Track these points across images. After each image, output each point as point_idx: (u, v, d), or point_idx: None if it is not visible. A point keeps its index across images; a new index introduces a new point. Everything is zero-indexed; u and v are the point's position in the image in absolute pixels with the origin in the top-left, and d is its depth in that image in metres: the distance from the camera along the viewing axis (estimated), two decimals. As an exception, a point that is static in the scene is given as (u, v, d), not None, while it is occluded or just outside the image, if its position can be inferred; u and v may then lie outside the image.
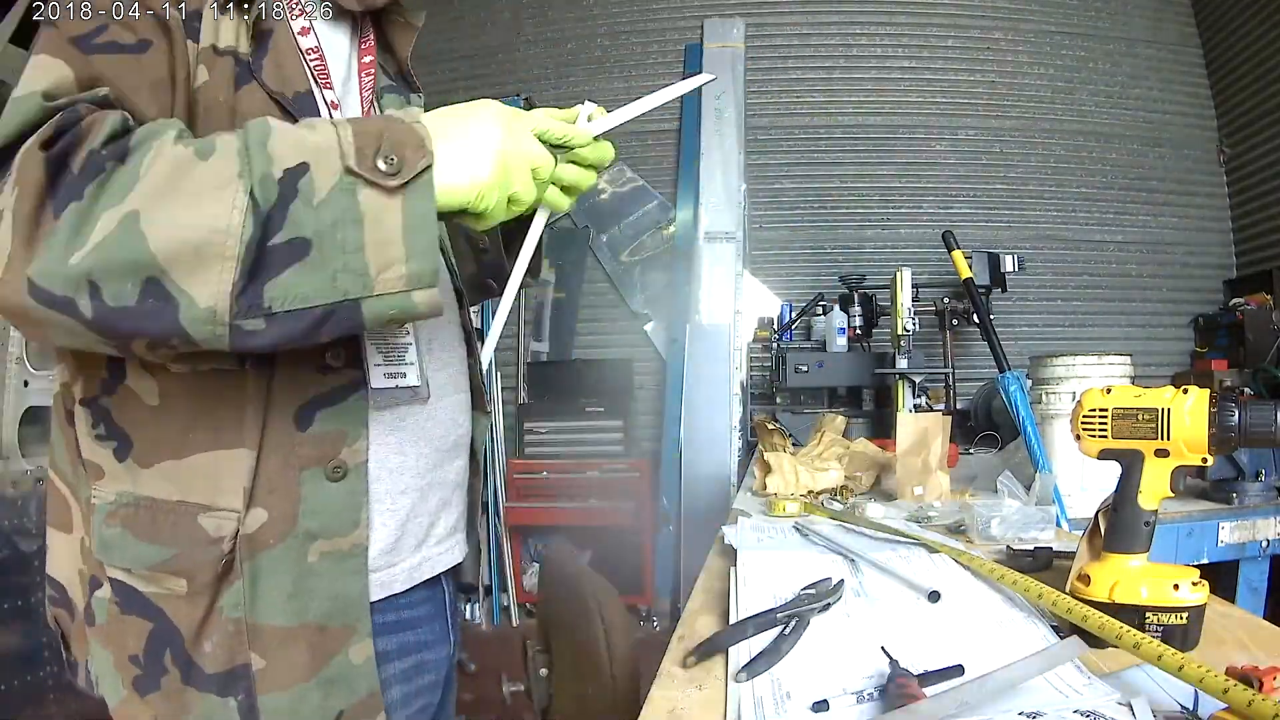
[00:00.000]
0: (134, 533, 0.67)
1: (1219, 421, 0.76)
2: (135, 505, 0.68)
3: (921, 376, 3.12)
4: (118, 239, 0.52)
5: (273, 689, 0.68)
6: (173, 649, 0.67)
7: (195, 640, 0.67)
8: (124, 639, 0.69)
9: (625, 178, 4.41)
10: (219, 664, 0.67)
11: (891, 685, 0.63)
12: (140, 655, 0.68)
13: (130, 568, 0.68)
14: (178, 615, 0.67)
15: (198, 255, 0.53)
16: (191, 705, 0.67)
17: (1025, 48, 4.33)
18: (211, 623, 0.67)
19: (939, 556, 1.05)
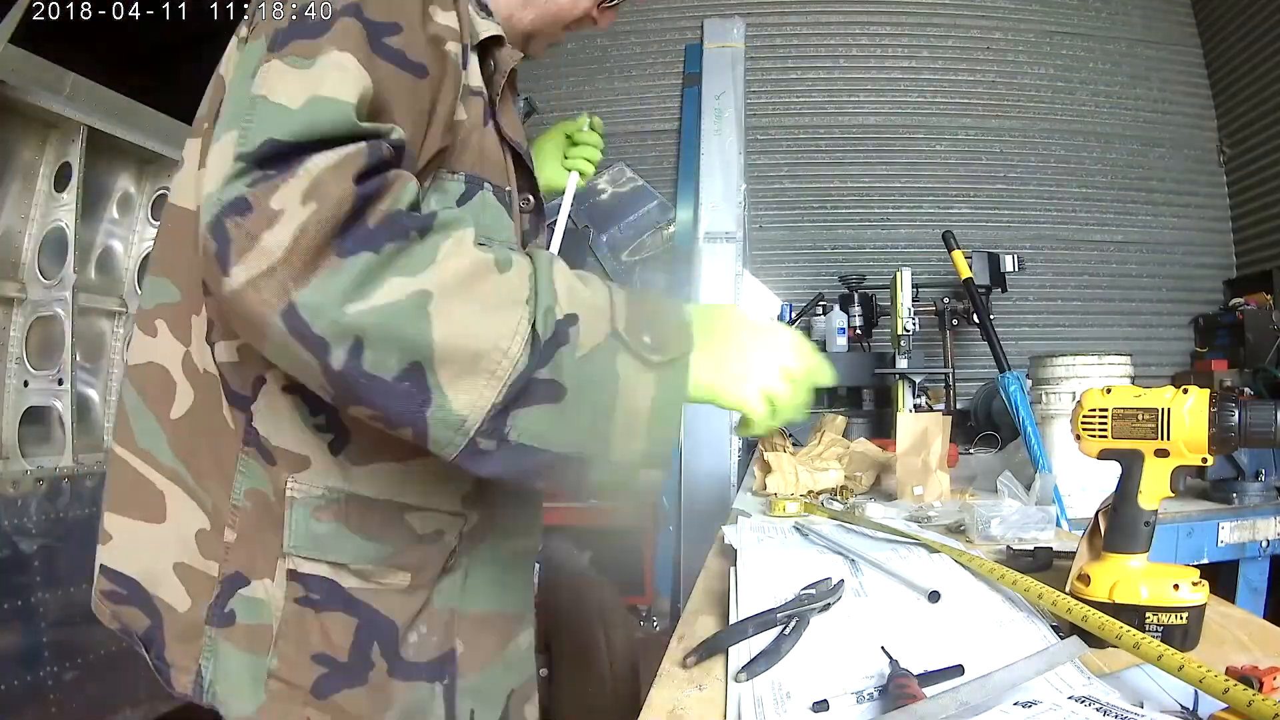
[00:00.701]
0: (350, 528, 0.67)
1: (1219, 421, 0.76)
2: (346, 501, 0.67)
3: (921, 376, 3.13)
4: (404, 311, 0.51)
5: (469, 671, 0.73)
6: (381, 643, 0.68)
7: (405, 634, 0.69)
8: (309, 638, 0.67)
9: (625, 178, 4.41)
10: (429, 652, 0.71)
11: (891, 685, 0.63)
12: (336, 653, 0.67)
13: (347, 563, 0.67)
14: (391, 609, 0.69)
15: (473, 363, 0.53)
16: (397, 696, 0.69)
17: (1025, 48, 4.33)
18: (425, 613, 0.71)
19: (939, 556, 1.05)
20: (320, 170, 0.52)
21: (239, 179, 0.51)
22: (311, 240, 0.50)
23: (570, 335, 0.56)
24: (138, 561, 0.73)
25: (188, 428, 0.71)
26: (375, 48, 0.59)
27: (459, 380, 0.53)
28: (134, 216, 1.93)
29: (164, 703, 1.73)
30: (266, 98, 0.55)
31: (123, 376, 0.76)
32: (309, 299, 0.50)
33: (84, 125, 1.65)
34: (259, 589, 0.68)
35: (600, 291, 0.60)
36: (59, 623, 1.46)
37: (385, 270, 0.52)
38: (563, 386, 0.56)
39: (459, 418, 0.54)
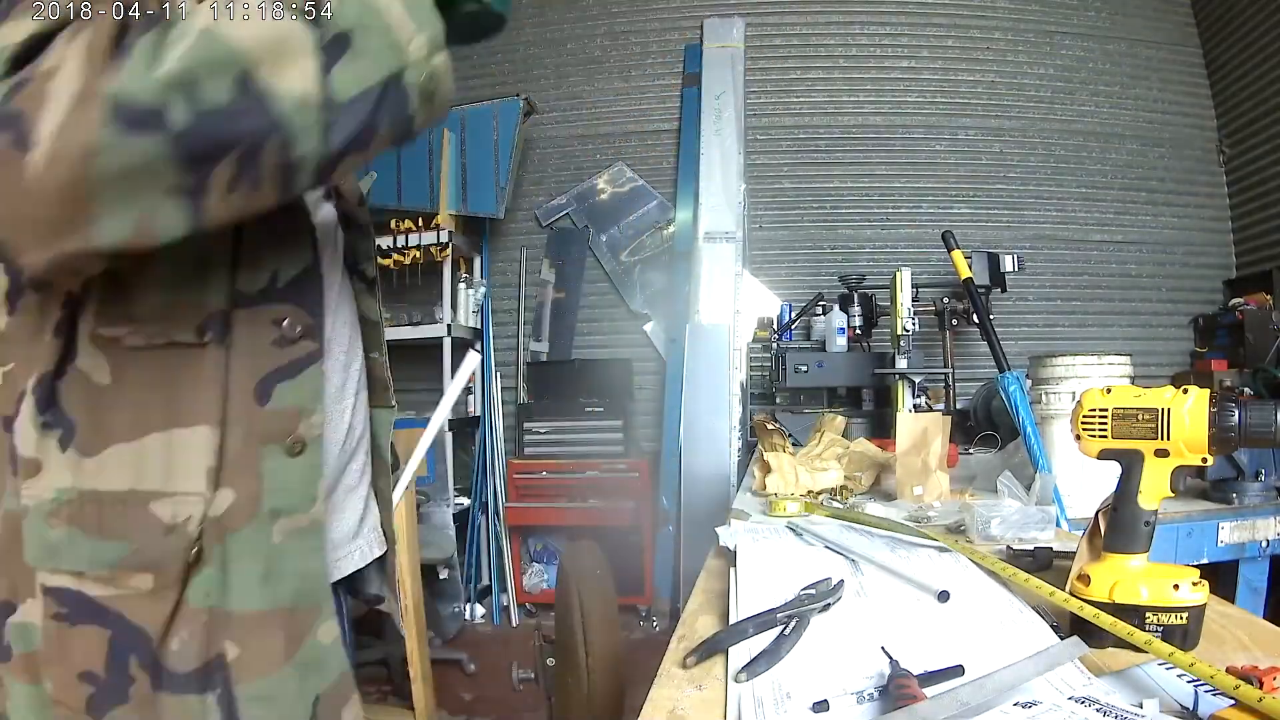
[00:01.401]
0: (84, 530, 0.62)
1: (1219, 421, 0.76)
2: (79, 500, 0.63)
3: (921, 376, 3.13)
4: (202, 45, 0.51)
5: (250, 677, 0.65)
6: (138, 653, 0.63)
7: (163, 640, 0.63)
8: (71, 656, 0.63)
9: (625, 178, 4.41)
10: (191, 660, 0.64)
11: (891, 685, 0.63)
12: (98, 670, 0.63)
13: (84, 570, 0.63)
14: (141, 615, 0.63)
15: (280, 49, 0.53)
16: (165, 710, 0.63)
17: (1025, 48, 4.33)
18: (181, 617, 0.64)
19: (947, 555, 1.05)
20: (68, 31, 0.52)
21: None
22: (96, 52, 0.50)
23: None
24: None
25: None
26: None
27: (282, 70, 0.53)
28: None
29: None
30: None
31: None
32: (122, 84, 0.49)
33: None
34: (24, 612, 0.64)
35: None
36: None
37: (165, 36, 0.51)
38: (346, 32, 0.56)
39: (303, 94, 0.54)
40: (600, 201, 4.43)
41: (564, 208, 4.44)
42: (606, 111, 4.46)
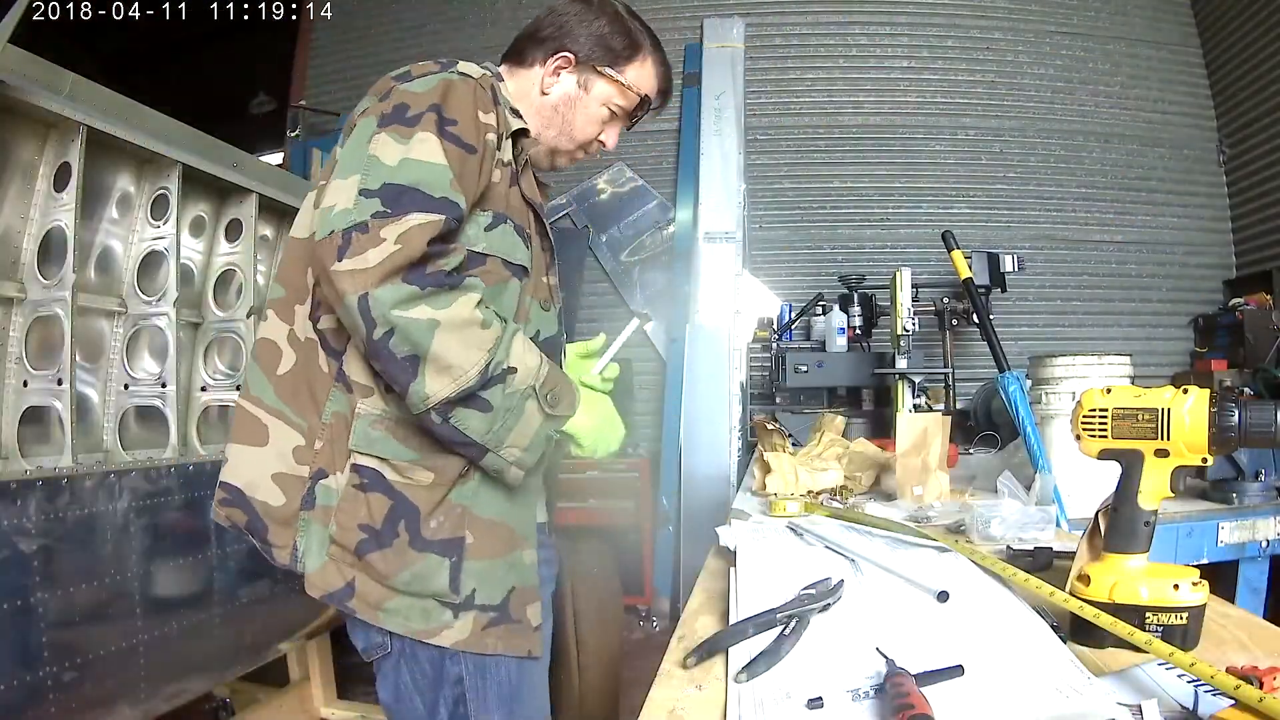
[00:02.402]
0: (395, 437, 0.94)
1: (1219, 422, 0.76)
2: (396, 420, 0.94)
3: (921, 376, 3.12)
4: (419, 327, 0.84)
5: (475, 557, 0.96)
6: (407, 520, 0.93)
7: (427, 518, 0.94)
8: (356, 511, 0.93)
9: (625, 178, 4.42)
10: (444, 533, 0.94)
11: (888, 684, 0.63)
12: (374, 523, 0.93)
13: (389, 458, 0.94)
14: (418, 498, 0.94)
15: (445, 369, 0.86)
16: (412, 562, 0.93)
17: (1025, 47, 4.33)
18: (443, 506, 0.95)
19: (947, 555, 1.05)
20: (413, 225, 0.84)
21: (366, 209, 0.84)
22: (391, 265, 0.83)
23: (508, 379, 0.90)
24: (244, 474, 1.00)
25: (289, 379, 1.00)
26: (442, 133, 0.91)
27: (435, 376, 0.86)
28: (133, 216, 1.93)
29: (164, 702, 1.73)
30: (378, 158, 0.88)
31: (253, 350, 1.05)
32: (377, 294, 0.83)
33: (83, 125, 1.65)
34: (332, 480, 0.95)
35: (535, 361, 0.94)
36: (58, 623, 1.45)
37: (421, 300, 0.85)
38: (492, 405, 0.90)
39: (425, 394, 0.86)
40: (600, 201, 4.43)
41: (564, 208, 4.43)
42: (606, 111, 4.45)
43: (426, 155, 0.89)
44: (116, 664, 1.57)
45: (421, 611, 0.94)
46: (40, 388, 1.62)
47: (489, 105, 0.98)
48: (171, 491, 1.74)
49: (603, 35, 1.11)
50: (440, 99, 0.93)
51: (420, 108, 0.91)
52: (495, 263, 0.99)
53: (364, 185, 0.86)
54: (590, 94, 1.12)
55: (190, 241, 2.11)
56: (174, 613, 1.72)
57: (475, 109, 0.95)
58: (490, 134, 0.97)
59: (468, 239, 0.96)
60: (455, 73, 0.98)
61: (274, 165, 3.23)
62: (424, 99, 0.92)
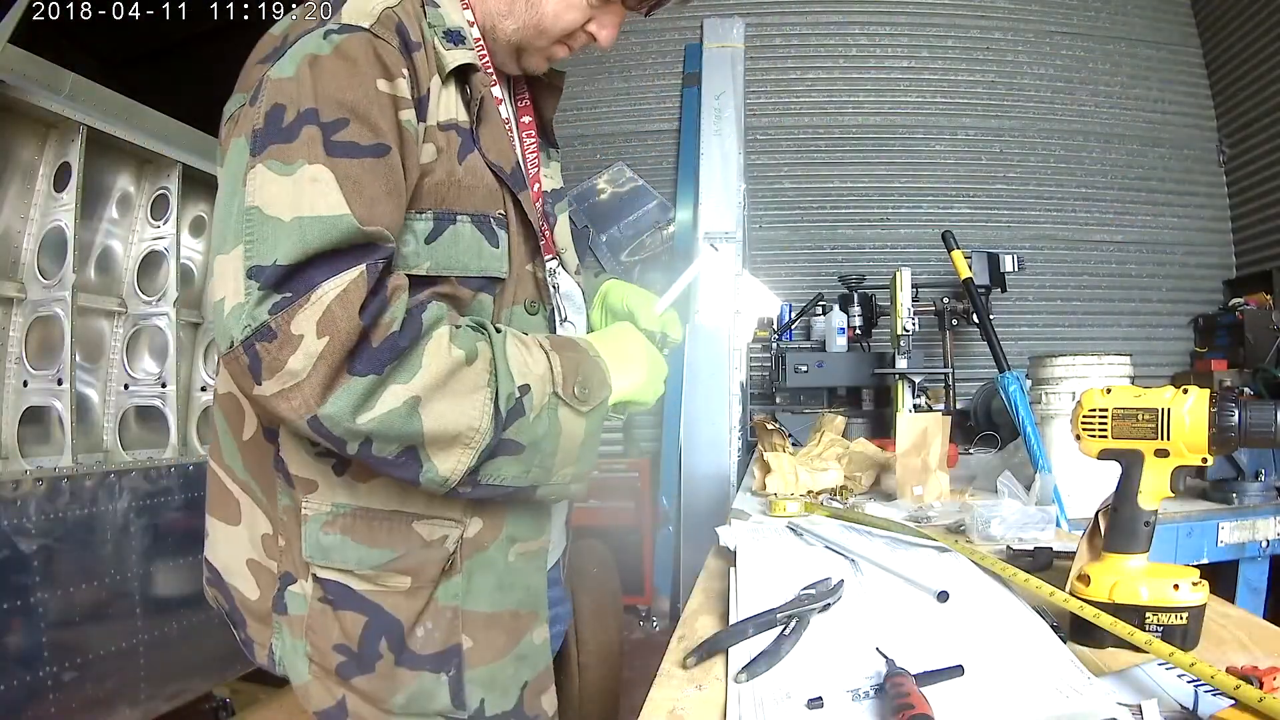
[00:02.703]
0: (354, 538, 0.77)
1: (1219, 422, 0.75)
2: (352, 515, 0.78)
3: (921, 376, 3.12)
4: (398, 417, 0.66)
5: (478, 664, 0.80)
6: (389, 637, 0.77)
7: (411, 629, 0.78)
8: (329, 631, 0.78)
9: (625, 178, 4.41)
10: (434, 645, 0.78)
11: (888, 684, 0.63)
12: (351, 644, 0.77)
13: (352, 569, 0.77)
14: (397, 608, 0.77)
15: (453, 441, 0.69)
16: (404, 683, 0.78)
17: (1025, 48, 4.33)
18: (429, 611, 0.78)
19: (947, 555, 1.05)
20: (330, 301, 0.64)
21: (260, 305, 0.63)
22: (327, 366, 0.63)
23: (524, 405, 0.72)
24: (221, 555, 0.87)
25: (254, 449, 0.82)
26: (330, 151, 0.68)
27: (443, 454, 0.69)
28: (133, 216, 1.93)
29: (164, 702, 1.73)
30: (261, 210, 0.66)
31: (213, 401, 0.87)
32: (327, 411, 0.64)
33: (83, 125, 1.65)
34: (299, 588, 0.79)
35: (541, 360, 0.75)
36: (58, 623, 1.45)
37: (386, 383, 0.65)
38: (520, 444, 0.73)
39: (443, 478, 0.70)
40: (600, 201, 4.43)
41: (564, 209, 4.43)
42: (606, 111, 4.46)
43: (324, 205, 0.66)
44: (116, 664, 1.58)
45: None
46: (40, 388, 1.63)
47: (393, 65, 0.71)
48: (171, 491, 1.74)
49: None
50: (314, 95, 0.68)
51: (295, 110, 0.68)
52: (449, 284, 0.77)
53: (250, 260, 0.64)
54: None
55: (190, 241, 2.11)
56: (174, 613, 1.72)
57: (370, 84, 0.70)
58: (405, 110, 0.72)
59: (403, 261, 0.74)
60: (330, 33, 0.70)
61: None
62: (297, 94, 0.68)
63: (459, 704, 0.79)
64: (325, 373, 0.63)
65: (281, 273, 0.64)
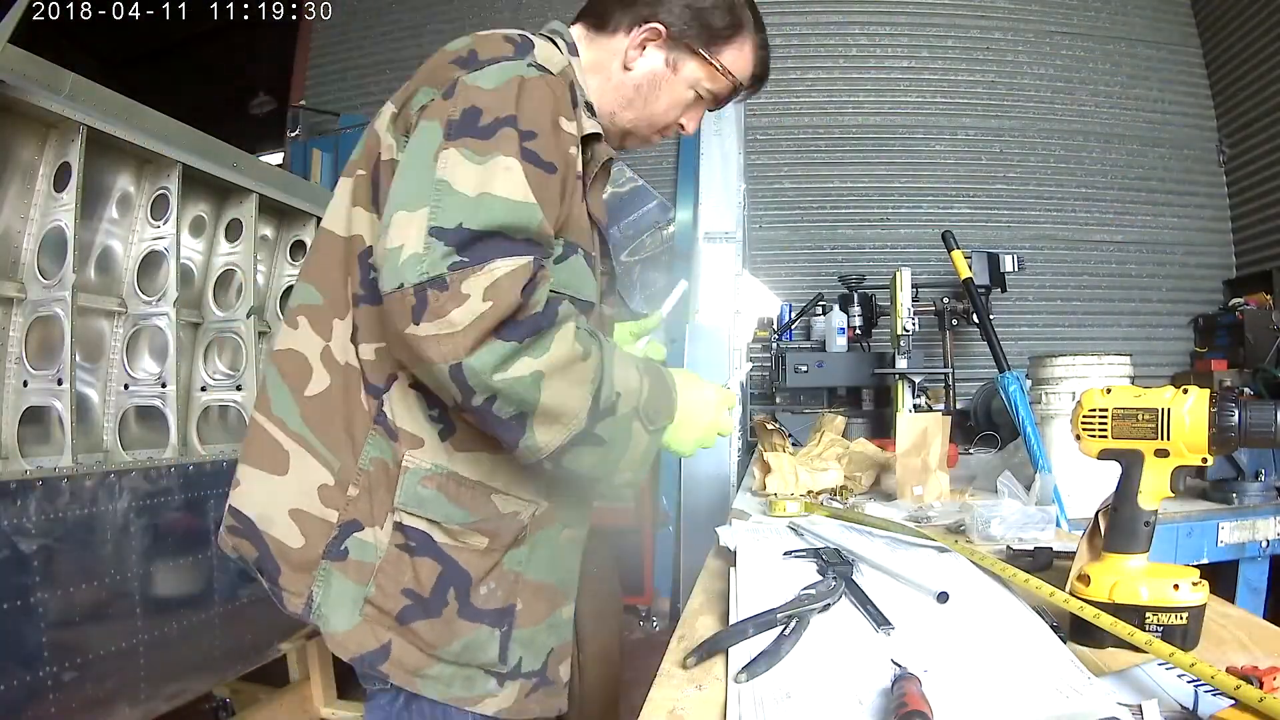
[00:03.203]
0: (446, 496, 0.85)
1: (1219, 421, 0.76)
2: (446, 476, 0.86)
3: (921, 376, 3.13)
4: (524, 384, 0.75)
5: (523, 625, 0.90)
6: (457, 588, 0.86)
7: (478, 585, 0.86)
8: (401, 575, 0.85)
9: (625, 178, 4.41)
10: (495, 602, 0.88)
11: (894, 686, 0.63)
12: (422, 590, 0.84)
13: (440, 521, 0.85)
14: (469, 564, 0.86)
15: (555, 419, 0.78)
16: (461, 631, 0.86)
17: (1025, 48, 4.33)
18: (495, 572, 0.88)
19: (947, 555, 1.05)
20: (501, 275, 0.73)
21: (442, 260, 0.73)
22: (484, 326, 0.73)
23: (615, 408, 0.83)
24: (256, 504, 0.90)
25: (320, 404, 0.89)
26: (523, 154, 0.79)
27: (545, 427, 0.78)
28: (133, 216, 1.93)
29: (164, 702, 1.73)
30: (450, 184, 0.76)
31: (266, 357, 0.95)
32: (471, 363, 0.73)
33: (83, 125, 1.65)
34: (369, 534, 0.85)
35: (635, 377, 0.86)
36: (58, 623, 1.45)
37: (521, 353, 0.75)
38: (602, 438, 0.83)
39: (539, 447, 0.79)
40: (600, 201, 4.42)
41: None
42: (606, 111, 4.46)
43: (510, 190, 0.77)
44: (116, 664, 1.58)
45: (465, 680, 0.87)
46: (40, 388, 1.62)
47: (570, 110, 0.86)
48: (171, 491, 1.74)
49: (701, 9, 0.96)
50: (516, 106, 0.80)
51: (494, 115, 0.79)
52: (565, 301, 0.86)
53: (435, 222, 0.74)
54: (679, 75, 0.98)
55: (190, 241, 2.11)
56: (174, 613, 1.72)
57: (556, 116, 0.84)
58: (572, 147, 0.86)
59: None
60: (532, 65, 0.84)
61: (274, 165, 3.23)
62: (497, 103, 0.80)
63: (503, 659, 0.88)
64: (480, 331, 0.72)
65: (466, 237, 0.74)
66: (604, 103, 0.99)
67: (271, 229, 2.37)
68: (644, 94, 0.99)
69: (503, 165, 0.77)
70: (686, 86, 0.99)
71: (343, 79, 5.03)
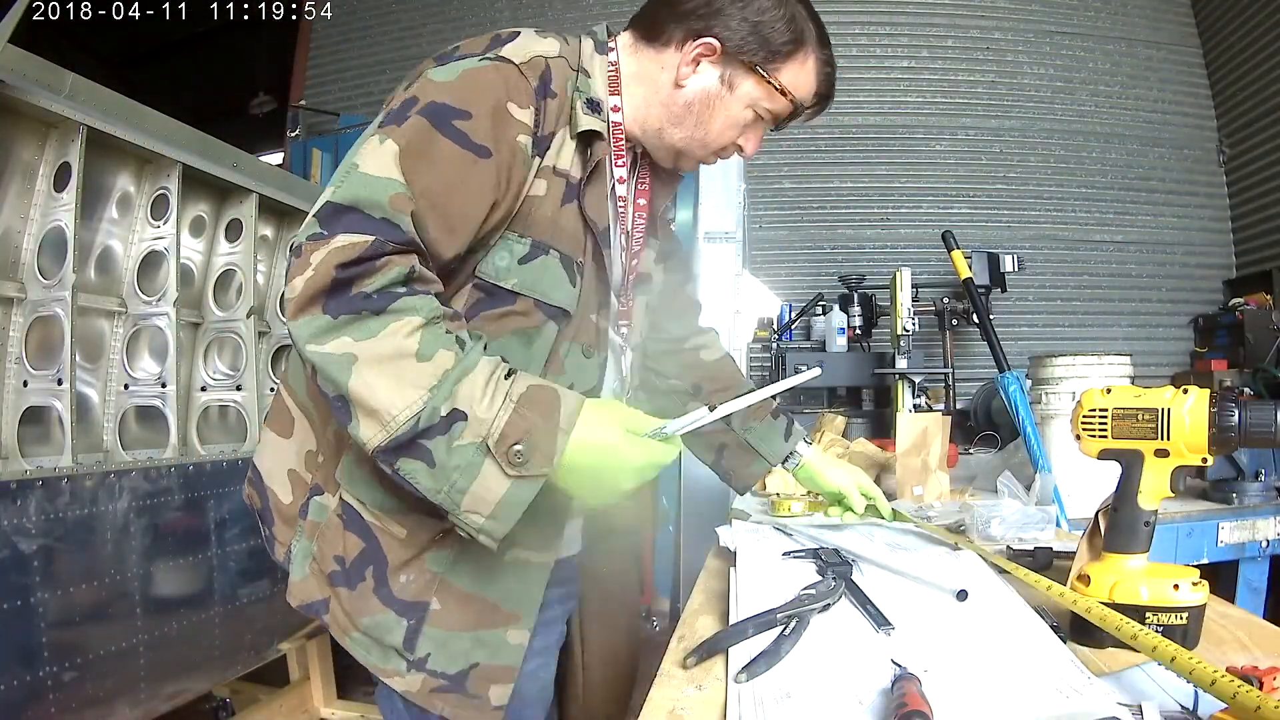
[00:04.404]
0: (376, 479, 0.87)
1: (1219, 421, 0.76)
2: (379, 463, 0.81)
3: (921, 376, 3.12)
4: (335, 363, 0.73)
5: (438, 625, 0.88)
6: (375, 568, 0.88)
7: (395, 571, 0.87)
8: (334, 542, 0.89)
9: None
10: (407, 595, 0.87)
11: (895, 687, 0.63)
12: (346, 560, 0.88)
13: (365, 502, 0.88)
14: (389, 549, 0.88)
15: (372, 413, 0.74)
16: (372, 609, 0.87)
17: (1025, 48, 4.33)
18: (414, 565, 0.88)
19: (947, 554, 1.05)
20: (334, 247, 0.73)
21: (306, 229, 0.75)
22: (306, 294, 0.73)
23: (453, 429, 0.74)
24: (266, 461, 0.99)
25: None
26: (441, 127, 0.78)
27: (364, 419, 0.74)
28: (133, 216, 1.93)
29: (164, 702, 1.73)
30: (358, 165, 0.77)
31: None
32: (294, 327, 0.74)
33: (83, 125, 1.65)
34: (326, 499, 0.91)
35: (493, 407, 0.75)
36: (58, 623, 1.45)
37: (337, 331, 0.73)
38: (434, 459, 0.74)
39: (363, 440, 0.75)
40: (600, 201, 4.42)
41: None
42: (606, 111, 4.45)
43: (373, 167, 0.76)
44: (116, 664, 1.58)
45: (381, 651, 0.88)
46: (40, 388, 1.62)
47: (527, 97, 0.83)
48: (171, 491, 1.74)
49: (760, 23, 0.90)
50: (454, 92, 0.80)
51: (425, 102, 0.79)
52: (527, 304, 0.86)
53: (326, 198, 0.76)
54: (735, 93, 0.93)
55: (190, 241, 2.11)
56: (174, 613, 1.72)
57: (501, 102, 0.81)
58: (522, 135, 0.83)
59: (495, 271, 0.85)
60: (493, 56, 0.84)
61: (274, 165, 3.23)
62: (438, 90, 0.80)
63: (409, 648, 0.87)
64: (303, 298, 0.73)
65: (328, 210, 0.75)
66: (649, 117, 0.95)
67: (271, 229, 2.37)
68: (696, 113, 0.94)
69: (378, 143, 0.78)
70: (743, 106, 0.94)
71: (343, 79, 5.02)
